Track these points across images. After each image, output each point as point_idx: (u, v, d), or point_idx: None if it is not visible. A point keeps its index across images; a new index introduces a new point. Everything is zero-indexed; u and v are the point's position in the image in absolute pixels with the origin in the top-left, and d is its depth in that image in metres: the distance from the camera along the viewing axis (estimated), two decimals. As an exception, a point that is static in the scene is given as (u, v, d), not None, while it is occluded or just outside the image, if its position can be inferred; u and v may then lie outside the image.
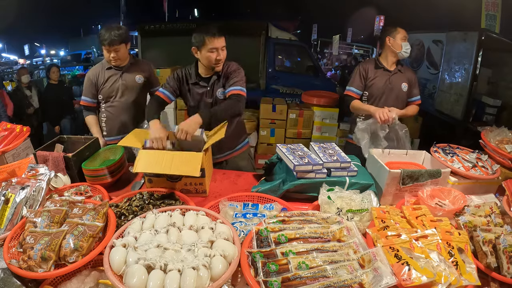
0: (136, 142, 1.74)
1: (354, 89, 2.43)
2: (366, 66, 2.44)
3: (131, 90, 2.38)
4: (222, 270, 0.97)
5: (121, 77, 2.34)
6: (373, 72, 2.41)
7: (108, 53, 2.22)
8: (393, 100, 2.39)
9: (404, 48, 2.32)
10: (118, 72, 2.33)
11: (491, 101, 4.04)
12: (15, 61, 17.58)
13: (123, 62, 2.32)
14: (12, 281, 1.08)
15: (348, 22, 15.59)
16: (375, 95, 2.41)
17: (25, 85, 4.90)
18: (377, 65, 2.42)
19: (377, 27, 10.19)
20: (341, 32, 9.38)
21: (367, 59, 2.61)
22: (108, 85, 2.34)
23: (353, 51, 16.35)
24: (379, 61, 2.43)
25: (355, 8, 14.22)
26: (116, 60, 2.27)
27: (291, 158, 1.55)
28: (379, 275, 0.93)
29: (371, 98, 2.43)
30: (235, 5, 17.47)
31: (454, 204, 1.45)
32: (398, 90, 2.40)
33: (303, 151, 1.65)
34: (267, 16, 10.90)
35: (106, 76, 2.33)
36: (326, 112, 4.48)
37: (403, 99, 2.43)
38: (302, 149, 1.68)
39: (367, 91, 2.44)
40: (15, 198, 1.33)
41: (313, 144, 1.74)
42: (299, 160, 1.53)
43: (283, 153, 1.64)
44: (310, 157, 1.57)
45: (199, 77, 2.03)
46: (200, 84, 2.03)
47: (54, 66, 5.08)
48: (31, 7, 17.98)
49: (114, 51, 2.20)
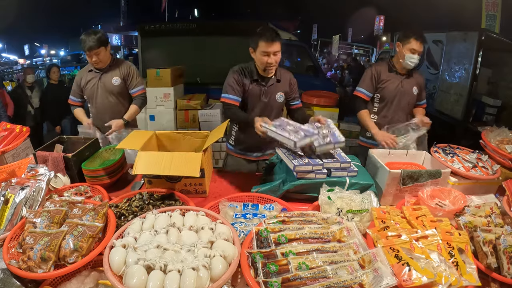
0: (135, 144, 1.73)
1: (365, 90, 2.42)
2: (378, 69, 2.41)
3: (109, 92, 2.43)
4: (222, 271, 0.96)
5: (99, 79, 2.41)
6: (386, 75, 2.39)
7: (90, 58, 2.30)
8: (404, 104, 2.40)
9: (408, 60, 2.27)
10: (97, 74, 2.41)
11: (491, 101, 4.04)
12: (15, 61, 17.57)
13: (104, 64, 2.39)
14: (12, 282, 1.08)
15: (348, 22, 15.61)
16: (387, 98, 2.40)
17: (28, 85, 4.89)
18: (390, 68, 2.39)
19: (377, 27, 10.20)
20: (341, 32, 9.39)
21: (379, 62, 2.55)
22: (89, 87, 2.43)
23: (353, 51, 16.36)
24: (393, 64, 2.40)
25: (355, 8, 14.23)
26: (98, 63, 2.34)
27: (291, 158, 1.54)
28: (379, 276, 0.93)
29: (383, 100, 2.42)
30: (235, 5, 17.47)
31: (454, 205, 1.45)
32: (410, 94, 2.40)
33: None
34: (267, 16, 10.91)
35: (88, 79, 2.43)
36: (326, 112, 4.47)
37: (413, 102, 2.45)
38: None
39: (379, 94, 2.42)
40: (15, 199, 1.33)
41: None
42: (299, 160, 1.53)
43: (283, 153, 1.63)
44: (310, 158, 1.57)
45: (259, 75, 2.05)
46: (259, 82, 2.05)
47: (54, 66, 5.07)
48: (31, 7, 17.99)
49: (94, 55, 2.28)
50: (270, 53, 1.92)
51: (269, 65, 1.95)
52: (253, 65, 2.05)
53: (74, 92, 2.51)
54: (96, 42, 2.24)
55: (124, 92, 2.49)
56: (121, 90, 2.46)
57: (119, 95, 2.46)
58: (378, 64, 2.49)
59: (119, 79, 2.42)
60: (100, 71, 2.41)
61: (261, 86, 2.05)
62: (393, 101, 2.40)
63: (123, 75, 2.44)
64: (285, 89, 2.12)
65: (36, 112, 4.92)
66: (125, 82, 2.47)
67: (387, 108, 2.42)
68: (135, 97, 2.51)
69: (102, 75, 2.41)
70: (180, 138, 1.99)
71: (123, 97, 2.50)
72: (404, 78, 2.38)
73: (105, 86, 2.41)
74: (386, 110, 2.44)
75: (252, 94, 2.05)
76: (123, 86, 2.46)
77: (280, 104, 2.13)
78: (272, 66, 1.97)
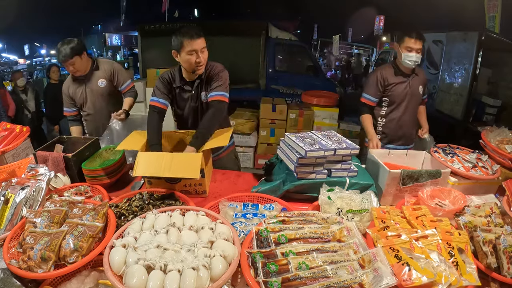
0: (135, 145, 1.73)
1: (371, 97, 2.43)
2: (384, 73, 2.40)
3: (98, 95, 2.43)
4: (222, 271, 0.96)
5: (85, 85, 2.40)
6: (393, 79, 2.38)
7: (67, 68, 2.29)
8: (413, 104, 2.44)
9: (406, 59, 2.27)
10: (82, 81, 2.40)
11: (491, 101, 4.05)
12: (15, 61, 17.59)
13: (83, 72, 2.37)
14: (12, 282, 1.08)
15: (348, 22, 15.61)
16: (396, 101, 2.41)
17: (21, 89, 4.84)
18: (396, 71, 2.39)
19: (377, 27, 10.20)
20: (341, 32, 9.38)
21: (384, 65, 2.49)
22: (77, 96, 2.42)
23: (353, 51, 16.37)
24: (397, 67, 2.40)
25: (355, 8, 14.25)
26: (76, 72, 2.33)
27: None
28: (379, 276, 0.93)
29: (392, 104, 2.43)
30: (235, 5, 17.47)
31: (454, 204, 1.45)
32: (417, 94, 2.43)
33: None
34: (267, 16, 10.90)
35: (74, 87, 2.42)
36: (326, 112, 4.48)
37: (420, 100, 2.50)
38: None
39: (387, 98, 2.43)
40: (15, 198, 1.33)
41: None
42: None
43: (282, 151, 1.63)
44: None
45: (183, 81, 1.97)
46: (184, 88, 1.97)
47: (54, 66, 5.06)
48: (31, 7, 17.98)
49: (70, 65, 2.26)
50: (197, 51, 1.79)
51: (198, 64, 1.83)
52: (178, 70, 1.97)
53: (66, 103, 2.47)
54: (69, 52, 2.20)
55: (112, 92, 2.48)
56: (109, 91, 2.45)
57: (108, 96, 2.46)
58: (383, 69, 2.47)
59: (104, 81, 2.42)
60: (83, 78, 2.39)
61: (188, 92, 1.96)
62: (402, 103, 2.41)
63: (107, 76, 2.43)
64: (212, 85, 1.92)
65: (33, 116, 4.89)
66: (112, 82, 2.46)
67: (396, 111, 2.43)
68: (126, 92, 2.51)
69: (86, 81, 2.39)
70: (180, 138, 1.99)
71: (112, 98, 2.49)
72: (410, 79, 2.38)
73: (92, 91, 2.41)
74: (395, 112, 2.45)
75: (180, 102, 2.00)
76: (110, 86, 2.46)
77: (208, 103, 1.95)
78: (201, 65, 1.85)
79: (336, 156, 1.52)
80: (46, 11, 20.72)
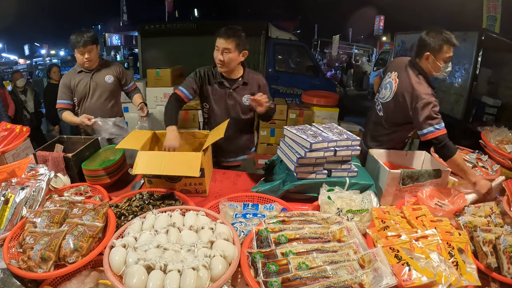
0: (135, 144, 1.73)
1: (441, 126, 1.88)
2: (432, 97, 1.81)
3: (102, 89, 2.45)
4: (222, 271, 0.96)
5: (91, 78, 2.42)
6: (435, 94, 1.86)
7: (82, 55, 2.30)
8: None
9: (445, 71, 1.85)
10: (88, 74, 2.42)
11: (491, 101, 4.05)
12: (15, 61, 17.59)
13: (94, 64, 2.40)
14: (12, 282, 1.08)
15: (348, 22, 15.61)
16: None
17: (20, 89, 4.83)
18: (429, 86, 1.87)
19: (377, 27, 10.21)
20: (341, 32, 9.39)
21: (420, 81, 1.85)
22: (80, 87, 2.42)
23: (353, 51, 16.37)
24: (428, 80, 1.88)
25: (355, 8, 14.25)
26: (89, 61, 2.34)
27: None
28: (379, 276, 0.93)
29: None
30: (235, 5, 17.49)
31: (454, 204, 1.45)
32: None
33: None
34: (267, 16, 10.92)
35: (77, 80, 2.42)
36: (326, 112, 4.48)
37: None
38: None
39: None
40: (15, 198, 1.33)
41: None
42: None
43: (282, 152, 1.63)
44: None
45: (223, 76, 2.01)
46: (224, 84, 2.01)
47: (54, 66, 5.05)
48: (31, 7, 18.00)
49: (87, 52, 2.29)
50: (219, 48, 1.86)
51: (218, 61, 1.89)
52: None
53: (63, 95, 2.43)
54: (90, 38, 2.26)
55: (116, 91, 2.53)
56: (114, 88, 2.49)
57: (111, 93, 2.49)
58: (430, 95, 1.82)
59: (112, 77, 2.46)
60: (90, 71, 2.41)
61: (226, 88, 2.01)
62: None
63: (116, 74, 2.49)
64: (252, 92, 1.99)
65: (32, 117, 4.87)
66: (119, 80, 2.52)
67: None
68: (132, 91, 2.61)
69: (93, 74, 2.42)
70: (184, 137, 1.99)
71: (114, 96, 2.53)
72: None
73: (98, 85, 2.43)
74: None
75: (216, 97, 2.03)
76: (117, 84, 2.51)
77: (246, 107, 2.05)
78: (222, 64, 1.89)
79: (337, 157, 1.52)
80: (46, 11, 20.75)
